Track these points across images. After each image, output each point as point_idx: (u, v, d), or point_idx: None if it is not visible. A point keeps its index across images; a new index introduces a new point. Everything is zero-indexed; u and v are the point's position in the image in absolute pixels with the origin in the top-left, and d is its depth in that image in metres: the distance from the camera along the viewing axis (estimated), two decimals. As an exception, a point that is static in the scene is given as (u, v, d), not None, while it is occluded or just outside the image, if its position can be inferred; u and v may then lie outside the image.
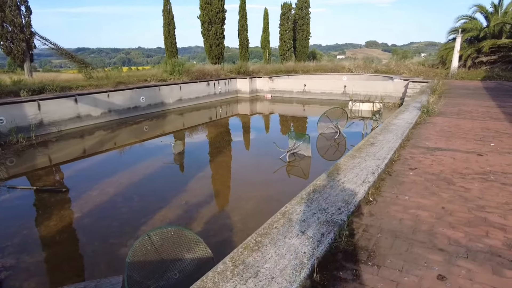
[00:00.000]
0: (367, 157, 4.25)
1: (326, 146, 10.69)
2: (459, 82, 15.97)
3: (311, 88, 20.96)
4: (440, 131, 5.96)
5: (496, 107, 8.53)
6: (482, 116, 7.39)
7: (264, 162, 9.01)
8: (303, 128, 14.20)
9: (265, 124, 15.47)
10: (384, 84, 18.12)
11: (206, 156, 9.79)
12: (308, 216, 2.73)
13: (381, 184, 3.58)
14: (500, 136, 5.55)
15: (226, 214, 6.04)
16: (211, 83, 20.74)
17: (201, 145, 11.25)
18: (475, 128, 6.16)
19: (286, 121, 16.13)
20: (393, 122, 6.39)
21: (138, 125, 15.17)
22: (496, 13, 20.30)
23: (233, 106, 20.68)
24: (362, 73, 22.73)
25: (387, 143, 4.88)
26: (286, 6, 36.23)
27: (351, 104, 16.27)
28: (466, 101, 9.78)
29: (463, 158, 4.42)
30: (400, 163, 4.26)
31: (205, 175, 8.09)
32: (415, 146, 5.06)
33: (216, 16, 29.62)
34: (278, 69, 25.95)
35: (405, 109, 7.86)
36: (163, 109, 17.87)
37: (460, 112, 7.93)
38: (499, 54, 18.42)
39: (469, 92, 11.80)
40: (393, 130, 5.73)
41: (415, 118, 6.85)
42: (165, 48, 32.52)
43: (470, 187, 3.46)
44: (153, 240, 3.98)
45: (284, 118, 17.08)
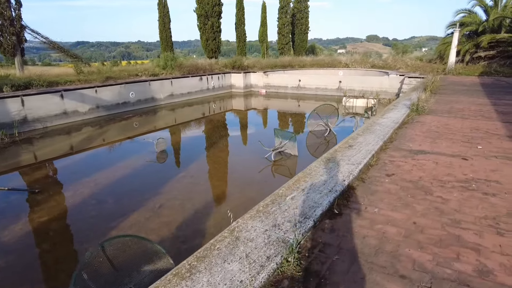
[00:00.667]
0: (341, 162, 3.93)
1: (316, 143, 10.37)
2: (455, 78, 15.58)
3: (306, 84, 20.56)
4: (426, 132, 5.63)
5: (489, 105, 8.18)
6: (474, 114, 7.05)
7: (249, 161, 8.70)
8: (295, 124, 13.87)
9: (257, 121, 15.13)
10: (380, 80, 17.73)
11: (190, 154, 9.47)
12: (258, 234, 2.42)
13: (351, 193, 3.26)
14: (489, 137, 5.22)
15: (201, 218, 5.74)
16: (204, 78, 20.34)
17: (186, 142, 10.93)
18: (464, 128, 5.82)
19: (279, 118, 15.78)
20: (378, 121, 6.06)
21: (127, 121, 14.84)
22: (496, 7, 19.80)
23: (226, 102, 20.32)
24: (359, 68, 22.30)
25: (366, 146, 4.55)
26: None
27: (345, 100, 15.90)
28: (460, 98, 9.42)
29: (446, 163, 4.09)
30: (377, 168, 3.94)
31: (186, 175, 7.78)
32: (398, 148, 4.73)
33: (212, 9, 29.16)
34: (273, 64, 25.52)
35: (393, 107, 7.52)
36: (154, 105, 17.52)
37: (451, 110, 7.58)
38: (498, 49, 17.97)
39: (464, 89, 11.43)
40: (376, 130, 5.40)
41: (402, 117, 6.51)
42: (160, 42, 32.08)
43: (448, 198, 3.14)
44: (108, 251, 3.67)
45: (278, 114, 16.72)
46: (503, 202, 3.03)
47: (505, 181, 3.49)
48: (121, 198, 6.68)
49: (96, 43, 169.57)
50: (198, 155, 9.38)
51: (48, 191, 7.07)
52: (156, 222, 5.69)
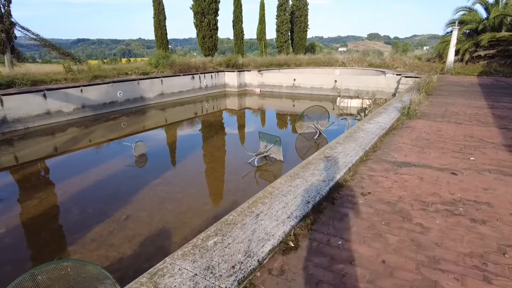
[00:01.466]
0: (311, 177, 3.43)
1: (306, 146, 9.87)
2: (454, 78, 15.04)
3: (301, 83, 20.03)
4: (416, 139, 5.12)
5: (486, 108, 7.66)
6: (469, 119, 6.53)
7: (232, 166, 8.20)
8: (286, 126, 13.35)
9: (247, 122, 14.62)
10: (376, 79, 17.19)
11: (171, 158, 8.98)
12: (183, 281, 1.93)
13: (315, 219, 2.77)
14: (484, 146, 4.71)
15: (167, 233, 5.26)
16: (196, 77, 19.83)
17: (170, 145, 10.43)
18: (457, 136, 5.32)
19: (271, 118, 15.27)
20: (364, 127, 5.55)
21: (115, 121, 14.37)
22: (496, 4, 19.23)
23: (219, 101, 19.81)
24: (356, 67, 21.75)
25: (344, 157, 4.05)
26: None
27: (339, 101, 15.38)
28: (456, 100, 8.91)
29: (432, 178, 3.59)
30: (352, 185, 3.44)
31: (162, 182, 7.29)
32: (380, 159, 4.23)
33: (209, 6, 28.68)
34: (269, 62, 24.97)
35: (383, 111, 7.01)
36: (143, 104, 17.02)
37: (445, 114, 7.07)
38: (498, 48, 17.41)
39: (462, 90, 10.91)
40: (358, 138, 4.90)
41: (391, 121, 6.00)
42: (155, 39, 31.54)
43: (429, 226, 2.65)
44: (38, 280, 3.17)
45: (270, 114, 16.21)
46: (493, 233, 2.53)
47: (497, 203, 2.99)
48: (87, 208, 6.20)
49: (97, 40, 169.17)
50: (179, 159, 8.89)
51: (11, 200, 6.59)
52: (119, 236, 5.21)
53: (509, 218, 2.71)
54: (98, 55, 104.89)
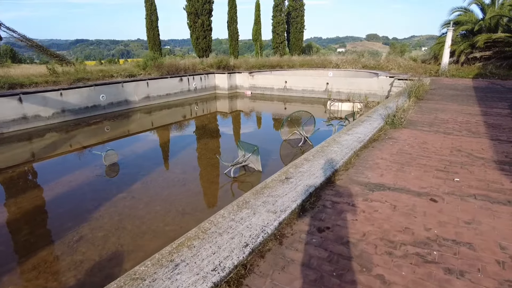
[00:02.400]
0: (261, 207, 2.87)
1: (291, 154, 9.32)
2: (448, 80, 14.51)
3: (292, 85, 19.49)
4: (397, 154, 4.57)
5: (479, 115, 7.11)
6: (459, 128, 5.98)
7: (207, 178, 7.63)
8: (273, 131, 12.78)
9: (234, 126, 14.05)
10: (369, 82, 16.66)
11: (143, 168, 8.38)
12: None
13: (251, 268, 2.20)
14: (472, 162, 4.16)
15: (120, 259, 4.69)
16: (184, 79, 19.26)
17: (145, 153, 9.84)
18: (444, 149, 4.76)
19: (258, 122, 14.71)
20: (340, 139, 4.99)
21: (97, 125, 13.81)
22: (493, 5, 18.74)
23: (209, 104, 19.26)
24: (349, 69, 21.22)
25: (309, 178, 3.49)
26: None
27: (329, 104, 14.83)
28: (448, 105, 8.36)
29: (407, 207, 3.03)
30: (310, 217, 2.88)
31: (127, 196, 6.72)
32: (351, 180, 3.67)
33: (202, 7, 28.29)
34: (262, 64, 24.44)
35: (366, 118, 6.45)
36: (128, 108, 16.45)
37: (434, 122, 6.52)
38: (494, 50, 16.89)
39: (455, 94, 10.37)
40: (331, 153, 4.34)
41: (372, 132, 5.44)
42: (147, 40, 31.14)
43: (392, 279, 2.09)
44: None
45: (258, 118, 15.64)
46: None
47: (480, 244, 2.43)
48: (38, 228, 5.63)
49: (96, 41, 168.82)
50: (151, 169, 8.30)
51: (-42, 217, 6.00)
52: (66, 262, 4.64)
53: (494, 269, 2.15)
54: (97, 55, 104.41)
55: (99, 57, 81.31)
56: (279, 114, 16.13)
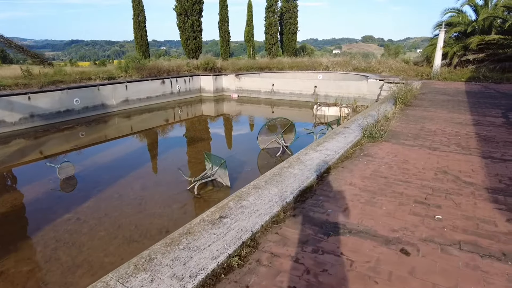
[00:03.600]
0: (166, 269, 2.07)
1: (270, 164, 8.53)
2: (440, 84, 13.84)
3: (280, 88, 18.73)
4: (370, 177, 3.79)
5: (471, 125, 6.38)
6: (447, 142, 5.24)
7: (167, 195, 6.80)
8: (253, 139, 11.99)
9: (214, 132, 13.22)
10: (358, 85, 15.94)
11: (100, 183, 7.51)
12: None
13: None
14: (460, 190, 3.40)
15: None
16: (167, 81, 18.42)
17: (109, 163, 8.98)
18: (428, 170, 4.00)
19: (244, 127, 13.91)
20: (305, 157, 4.20)
21: (69, 131, 12.95)
22: (486, 6, 18.15)
23: (194, 107, 18.47)
24: (339, 71, 20.53)
25: (249, 217, 2.70)
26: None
27: (316, 108, 14.09)
28: (437, 113, 7.63)
29: (368, 265, 2.25)
30: (231, 283, 2.08)
31: (72, 218, 5.88)
32: (304, 219, 2.88)
33: (192, 7, 27.62)
34: (250, 66, 23.67)
35: (342, 130, 5.67)
36: (104, 112, 15.57)
37: (420, 134, 5.77)
38: (487, 52, 16.28)
39: (446, 99, 9.66)
40: (289, 177, 3.55)
41: (346, 147, 4.67)
42: (135, 41, 30.34)
43: None
44: None
45: (245, 122, 14.85)
46: None
47: None
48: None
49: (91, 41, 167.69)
50: (110, 183, 7.45)
51: None
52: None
53: None
54: (92, 56, 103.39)
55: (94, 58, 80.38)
56: (265, 118, 15.35)
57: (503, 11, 16.62)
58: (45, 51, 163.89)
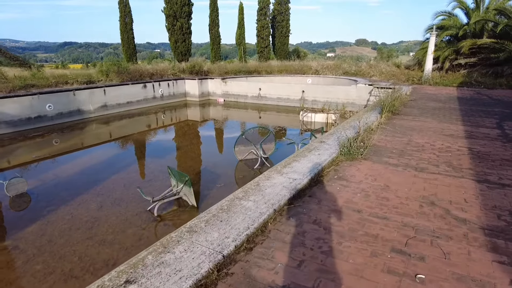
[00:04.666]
0: None
1: (246, 178, 7.81)
2: (431, 89, 13.28)
3: (267, 93, 18.06)
4: (339, 212, 3.09)
5: (463, 138, 5.74)
6: (437, 160, 4.57)
7: (126, 217, 6.02)
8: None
9: (192, 139, 12.43)
10: (346, 90, 15.33)
11: (53, 202, 6.69)
12: None
13: None
14: (449, 231, 2.71)
15: None
16: (148, 85, 17.63)
17: (70, 177, 8.15)
18: (412, 200, 3.31)
19: (227, 133, 13.17)
20: (266, 183, 3.48)
21: (39, 139, 12.11)
22: (477, 9, 17.73)
23: (178, 112, 17.73)
24: (329, 75, 19.94)
25: (165, 283, 1.96)
26: (263, 1, 33.97)
27: (302, 115, 13.42)
28: (427, 123, 6.99)
29: None
30: None
31: (10, 245, 5.09)
32: (243, 279, 2.16)
33: (181, 9, 27.02)
34: (238, 69, 23.01)
35: (318, 145, 4.97)
36: (81, 118, 14.72)
37: (406, 149, 5.09)
38: (479, 56, 15.80)
39: (437, 107, 9.05)
40: (239, 213, 2.83)
41: (317, 168, 3.96)
42: (121, 44, 29.62)
43: None
44: None
45: (227, 130, 14.11)
46: None
47: None
48: None
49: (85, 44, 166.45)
50: (64, 201, 6.65)
51: None
52: None
53: None
54: (85, 58, 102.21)
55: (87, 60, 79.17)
56: (251, 124, 14.63)
57: (495, 15, 16.19)
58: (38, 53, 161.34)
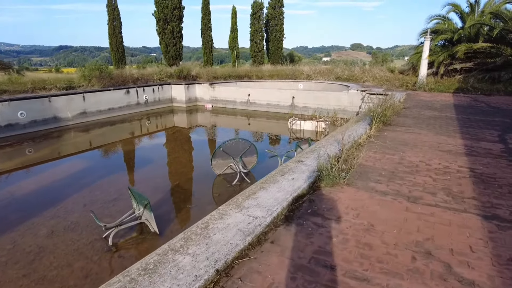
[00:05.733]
0: None
1: (222, 196, 7.05)
2: (426, 96, 12.63)
3: (256, 99, 17.33)
4: (307, 268, 2.31)
5: (463, 154, 5.01)
6: (433, 185, 3.82)
7: (78, 246, 5.19)
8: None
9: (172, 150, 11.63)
10: (338, 96, 14.64)
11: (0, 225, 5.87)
12: None
13: None
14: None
15: None
16: (132, 91, 16.82)
17: (26, 196, 7.28)
18: (402, 249, 2.55)
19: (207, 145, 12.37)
20: (217, 224, 2.70)
21: (13, 148, 11.29)
22: (472, 12, 17.22)
23: (164, 118, 16.94)
24: (321, 81, 19.28)
25: None
26: (257, 5, 33.57)
27: (290, 123, 12.69)
28: (421, 135, 6.27)
29: None
30: None
31: None
32: None
33: (172, 13, 26.45)
34: (228, 74, 22.29)
35: (293, 166, 4.20)
36: (57, 126, 13.86)
37: (397, 170, 4.35)
38: (475, 61, 15.23)
39: (433, 116, 8.36)
40: (165, 276, 2.04)
41: (288, 199, 3.19)
42: (110, 47, 28.87)
43: None
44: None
45: (211, 139, 13.31)
46: None
47: None
48: None
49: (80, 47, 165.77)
50: (12, 225, 5.80)
51: None
52: None
53: None
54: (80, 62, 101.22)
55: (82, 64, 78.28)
56: (239, 132, 13.87)
57: (490, 18, 15.65)
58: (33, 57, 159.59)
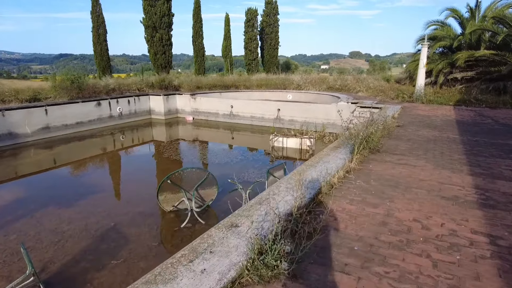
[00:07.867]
0: None
1: (172, 239, 5.56)
2: (423, 109, 11.22)
3: (239, 111, 15.93)
4: None
5: (476, 206, 3.54)
6: (435, 278, 2.34)
7: None
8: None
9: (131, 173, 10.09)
10: (326, 109, 13.23)
11: None
12: None
13: None
14: None
15: None
16: (103, 103, 15.40)
17: None
18: None
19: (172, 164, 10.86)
20: None
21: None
22: (472, 18, 15.96)
23: (140, 132, 15.52)
24: (311, 91, 17.93)
25: None
26: (251, 12, 32.61)
27: (272, 139, 11.24)
28: (417, 168, 4.82)
29: None
30: None
31: None
32: None
33: (161, 20, 25.47)
34: (213, 83, 20.97)
35: (218, 239, 2.73)
36: (13, 143, 12.37)
37: (379, 239, 2.88)
38: (477, 70, 13.89)
39: (432, 137, 6.92)
40: None
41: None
42: (94, 56, 27.72)
43: None
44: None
45: (184, 157, 11.80)
46: None
47: None
48: None
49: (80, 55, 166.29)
50: None
51: None
52: None
53: None
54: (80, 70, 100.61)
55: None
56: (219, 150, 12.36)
57: (493, 23, 14.37)
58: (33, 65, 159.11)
